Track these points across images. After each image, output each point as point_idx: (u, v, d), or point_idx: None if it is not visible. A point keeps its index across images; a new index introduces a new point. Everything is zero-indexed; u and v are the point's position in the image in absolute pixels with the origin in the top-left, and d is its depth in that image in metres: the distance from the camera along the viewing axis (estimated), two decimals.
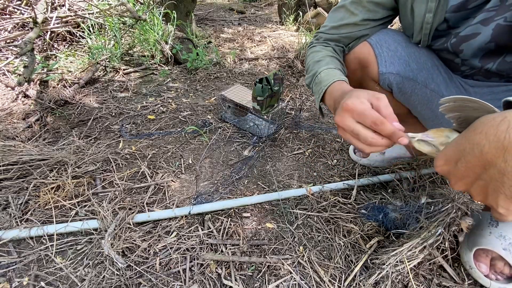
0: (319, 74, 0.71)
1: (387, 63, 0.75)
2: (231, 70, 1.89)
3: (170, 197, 0.93)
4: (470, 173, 0.38)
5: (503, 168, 0.34)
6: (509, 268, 0.68)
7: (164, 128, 1.28)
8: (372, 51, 0.76)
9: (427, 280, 0.71)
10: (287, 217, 0.87)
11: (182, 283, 0.70)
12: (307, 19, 2.65)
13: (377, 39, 0.76)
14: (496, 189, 0.36)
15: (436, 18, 0.66)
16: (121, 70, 1.76)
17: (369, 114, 0.48)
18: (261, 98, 1.12)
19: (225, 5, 4.05)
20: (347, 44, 0.81)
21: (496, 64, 0.66)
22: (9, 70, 1.65)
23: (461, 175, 0.39)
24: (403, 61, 0.75)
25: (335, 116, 0.53)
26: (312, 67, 0.75)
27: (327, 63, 0.72)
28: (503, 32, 0.60)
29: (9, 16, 1.97)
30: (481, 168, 0.36)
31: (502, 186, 0.35)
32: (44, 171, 0.97)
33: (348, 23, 0.77)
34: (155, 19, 1.93)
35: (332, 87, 0.66)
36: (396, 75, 0.75)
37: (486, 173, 0.36)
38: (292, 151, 1.16)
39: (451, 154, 0.40)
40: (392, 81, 0.76)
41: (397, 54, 0.75)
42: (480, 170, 0.37)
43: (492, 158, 0.34)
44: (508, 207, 0.37)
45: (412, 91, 0.77)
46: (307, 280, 0.71)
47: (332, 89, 0.66)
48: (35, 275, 0.70)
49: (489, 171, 0.36)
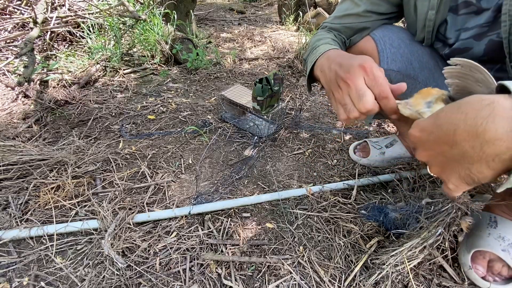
0: (318, 47, 0.68)
1: (388, 60, 0.75)
2: (231, 70, 1.89)
3: (170, 197, 0.93)
4: (437, 148, 0.39)
5: (467, 152, 0.35)
6: (507, 269, 0.67)
7: (164, 128, 1.28)
8: (375, 46, 0.76)
9: (427, 280, 0.71)
10: (287, 217, 0.87)
11: (182, 283, 0.70)
12: (307, 19, 2.65)
13: (381, 34, 0.76)
14: (453, 168, 0.38)
15: (438, 16, 0.66)
16: (121, 70, 1.76)
17: (382, 83, 0.47)
18: (261, 98, 1.12)
19: (225, 5, 4.05)
20: (349, 36, 0.81)
21: (493, 72, 0.66)
22: (9, 70, 1.65)
23: (428, 147, 0.40)
24: (405, 58, 0.75)
25: (342, 73, 0.50)
26: (312, 45, 0.75)
27: (328, 42, 0.72)
28: (496, 48, 0.61)
29: (9, 16, 1.97)
30: (448, 146, 0.37)
31: (459, 166, 0.37)
32: (44, 171, 0.97)
33: (351, 13, 0.77)
34: (155, 19, 1.93)
35: (329, 52, 0.63)
36: (397, 72, 0.75)
37: (449, 151, 0.37)
38: (292, 151, 1.16)
39: (427, 125, 0.40)
40: (392, 78, 0.76)
41: (400, 51, 0.75)
42: (446, 147, 0.37)
43: (461, 140, 0.35)
44: (458, 185, 0.39)
45: (412, 90, 0.77)
46: (307, 280, 0.71)
47: (329, 53, 0.62)
48: (35, 275, 0.70)
49: (453, 150, 0.37)
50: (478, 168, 0.35)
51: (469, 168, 0.36)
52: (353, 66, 0.49)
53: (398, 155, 1.04)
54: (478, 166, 0.35)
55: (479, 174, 0.36)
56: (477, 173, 0.36)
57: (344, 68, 0.51)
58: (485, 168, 0.35)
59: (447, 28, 0.68)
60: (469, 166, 0.36)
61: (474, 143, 0.34)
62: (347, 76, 0.49)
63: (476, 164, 0.35)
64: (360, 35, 0.79)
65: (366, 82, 0.48)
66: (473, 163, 0.35)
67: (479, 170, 0.35)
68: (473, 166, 0.36)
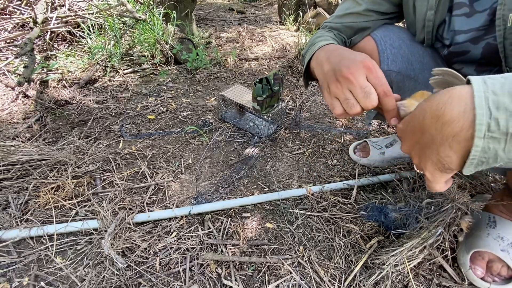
0: (317, 43, 0.68)
1: (389, 61, 0.74)
2: (231, 70, 1.89)
3: (170, 197, 0.93)
4: (413, 136, 0.41)
5: (434, 135, 0.37)
6: (507, 269, 0.67)
7: (164, 128, 1.28)
8: (376, 47, 0.75)
9: (427, 280, 0.71)
10: (287, 217, 0.87)
11: (182, 283, 0.70)
12: (307, 19, 2.65)
13: (382, 35, 0.76)
14: (426, 154, 0.40)
15: (437, 16, 0.66)
16: (121, 70, 1.76)
17: (384, 82, 0.48)
18: (261, 98, 1.12)
19: (225, 5, 4.05)
20: (349, 36, 0.80)
21: (493, 73, 0.66)
22: (9, 70, 1.65)
23: (408, 138, 0.43)
24: (406, 59, 0.74)
25: (342, 67, 0.50)
26: (311, 41, 0.75)
27: (327, 39, 0.71)
28: (493, 51, 0.61)
29: (9, 16, 1.97)
30: (420, 133, 0.40)
31: (431, 152, 0.39)
32: (44, 171, 0.97)
33: (352, 12, 0.77)
34: (155, 19, 1.93)
35: (328, 46, 0.62)
36: (397, 73, 0.75)
37: (422, 138, 0.40)
38: (292, 151, 1.16)
39: (407, 117, 0.43)
40: (392, 79, 0.76)
41: (401, 52, 0.74)
42: (419, 135, 0.40)
43: (428, 125, 0.38)
44: (432, 172, 0.40)
45: (412, 90, 0.77)
46: (307, 280, 0.71)
47: (328, 47, 0.61)
48: (35, 275, 0.71)
49: (424, 136, 0.39)
50: (444, 152, 0.37)
51: (437, 152, 0.38)
52: (355, 62, 0.49)
53: (398, 155, 1.04)
54: (443, 149, 0.37)
55: (446, 158, 0.37)
56: (445, 156, 0.37)
57: (345, 62, 0.50)
58: (448, 150, 0.36)
59: (444, 28, 0.68)
60: (437, 150, 0.38)
61: (436, 125, 0.36)
62: (349, 71, 0.48)
63: (441, 147, 0.37)
64: (360, 35, 0.79)
65: (368, 79, 0.48)
66: (439, 146, 0.37)
67: (445, 153, 0.37)
68: (439, 150, 0.37)
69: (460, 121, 0.34)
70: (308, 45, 0.75)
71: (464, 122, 0.34)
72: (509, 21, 0.54)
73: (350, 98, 0.49)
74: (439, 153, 0.37)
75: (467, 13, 0.62)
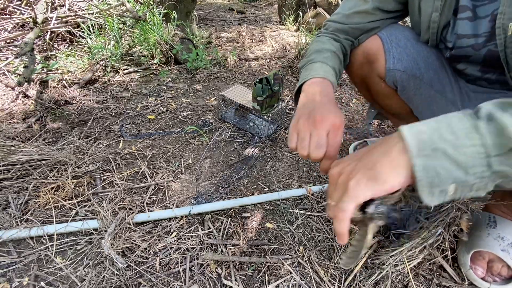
0: (314, 63, 0.69)
1: (395, 60, 0.74)
2: (231, 70, 1.89)
3: (170, 197, 0.93)
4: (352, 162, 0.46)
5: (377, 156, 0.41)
6: (507, 269, 0.67)
7: (164, 128, 1.28)
8: (382, 46, 0.74)
9: (427, 280, 0.71)
10: (287, 217, 0.87)
11: (182, 283, 0.70)
12: (307, 19, 2.66)
13: (388, 33, 0.75)
14: (365, 162, 0.43)
15: (443, 17, 0.65)
16: (121, 70, 1.76)
17: (336, 146, 0.53)
18: (261, 98, 1.12)
19: (225, 5, 4.05)
20: (357, 37, 0.79)
21: (496, 75, 0.66)
22: (9, 70, 1.65)
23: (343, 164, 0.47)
24: (411, 58, 0.74)
25: (317, 114, 0.54)
26: (310, 54, 0.74)
27: (326, 58, 0.71)
28: (494, 58, 0.62)
29: (9, 16, 1.97)
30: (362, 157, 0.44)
31: (370, 162, 0.41)
32: (44, 171, 0.97)
33: (360, 10, 0.74)
34: (155, 19, 1.93)
35: (321, 82, 0.64)
36: (403, 72, 0.74)
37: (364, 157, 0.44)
38: (292, 151, 1.16)
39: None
40: (398, 78, 0.75)
41: (406, 51, 0.74)
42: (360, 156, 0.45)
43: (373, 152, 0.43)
44: (359, 180, 0.40)
45: (417, 90, 0.76)
46: (307, 280, 0.71)
47: (320, 84, 0.64)
48: (35, 275, 0.70)
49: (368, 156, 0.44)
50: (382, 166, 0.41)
51: (376, 164, 0.41)
52: (329, 116, 0.54)
53: None
54: (381, 164, 0.41)
55: (382, 169, 0.41)
56: (380, 168, 0.41)
57: (322, 111, 0.55)
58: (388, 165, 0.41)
59: (448, 31, 0.67)
60: (377, 163, 0.41)
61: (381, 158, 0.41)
62: (320, 120, 0.53)
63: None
64: (367, 35, 0.78)
65: (328, 136, 0.53)
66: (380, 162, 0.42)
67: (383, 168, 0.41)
68: (379, 163, 0.41)
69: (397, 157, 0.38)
70: (305, 59, 0.74)
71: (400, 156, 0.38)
72: (509, 30, 0.54)
73: (306, 140, 0.53)
74: (377, 166, 0.39)
75: (470, 17, 0.62)
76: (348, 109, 1.49)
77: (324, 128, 0.52)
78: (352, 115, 1.43)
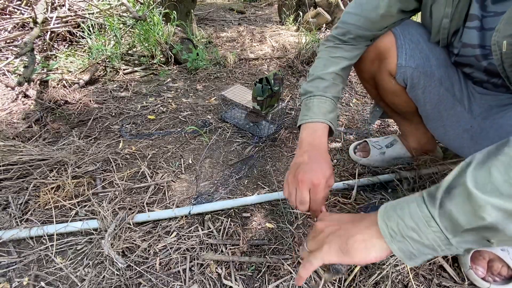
0: (314, 99, 0.71)
1: (407, 56, 0.73)
2: (231, 70, 1.89)
3: (170, 197, 0.93)
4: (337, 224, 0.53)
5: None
6: (507, 269, 0.68)
7: (164, 128, 1.28)
8: (395, 41, 0.74)
9: (427, 280, 0.71)
10: (287, 217, 0.87)
11: (182, 283, 0.70)
12: (307, 19, 2.65)
13: (401, 29, 0.74)
14: (342, 233, 0.49)
15: (452, 24, 0.65)
16: (121, 70, 1.76)
17: (319, 202, 0.60)
18: (261, 98, 1.12)
19: (225, 5, 4.05)
20: (373, 39, 0.77)
21: (502, 80, 0.66)
22: (9, 70, 1.66)
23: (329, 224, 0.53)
24: (423, 55, 0.73)
25: (301, 171, 0.61)
26: (315, 76, 0.73)
27: (328, 86, 0.71)
28: (494, 70, 0.63)
29: (9, 16, 1.97)
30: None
31: (348, 232, 0.48)
32: (44, 171, 0.97)
33: (385, 14, 0.71)
34: (155, 19, 1.93)
35: (314, 126, 0.69)
36: (414, 69, 0.73)
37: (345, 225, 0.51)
38: (292, 151, 1.16)
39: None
40: (408, 75, 0.74)
41: (419, 47, 0.73)
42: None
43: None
44: (331, 246, 0.47)
45: (426, 88, 0.75)
46: (307, 280, 0.71)
47: (315, 127, 0.69)
48: (35, 275, 0.71)
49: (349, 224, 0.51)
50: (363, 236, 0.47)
51: (357, 233, 0.47)
52: (309, 176, 0.60)
53: (398, 155, 1.04)
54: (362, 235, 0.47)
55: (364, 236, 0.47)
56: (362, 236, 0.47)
57: (305, 168, 0.61)
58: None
59: (456, 37, 0.67)
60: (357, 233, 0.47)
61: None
62: (301, 178, 0.60)
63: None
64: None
65: (310, 192, 0.60)
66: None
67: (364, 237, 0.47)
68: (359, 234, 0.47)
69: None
70: (309, 85, 0.73)
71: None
72: (504, 47, 0.55)
73: (292, 195, 0.62)
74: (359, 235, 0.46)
75: (477, 27, 0.62)
76: (348, 109, 1.49)
77: (305, 187, 0.59)
78: (352, 115, 1.43)
